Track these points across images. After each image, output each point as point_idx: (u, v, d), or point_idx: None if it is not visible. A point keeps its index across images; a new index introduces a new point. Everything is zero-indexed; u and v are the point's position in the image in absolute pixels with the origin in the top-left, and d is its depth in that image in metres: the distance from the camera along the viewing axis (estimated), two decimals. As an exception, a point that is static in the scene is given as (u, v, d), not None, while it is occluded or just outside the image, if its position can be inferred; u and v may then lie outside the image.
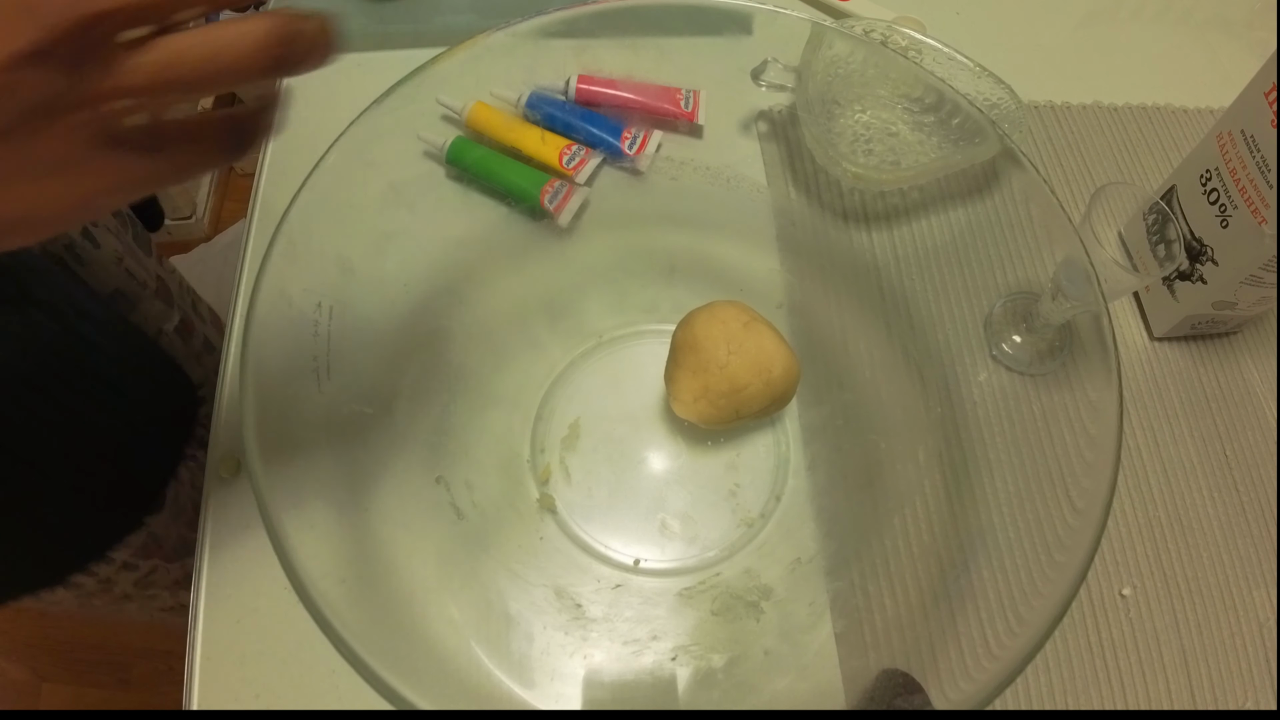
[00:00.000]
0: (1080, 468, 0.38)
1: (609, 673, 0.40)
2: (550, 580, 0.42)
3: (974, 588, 0.39)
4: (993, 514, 0.42)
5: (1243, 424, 0.49)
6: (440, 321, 0.47)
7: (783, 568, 0.43)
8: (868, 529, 0.44)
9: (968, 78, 0.53)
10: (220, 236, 1.56)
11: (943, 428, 0.45)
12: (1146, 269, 0.46)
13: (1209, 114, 0.61)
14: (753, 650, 0.40)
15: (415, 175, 0.51)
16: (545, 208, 0.50)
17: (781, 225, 0.52)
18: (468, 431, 0.46)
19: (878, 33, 0.54)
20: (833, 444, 0.47)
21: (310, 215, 0.38)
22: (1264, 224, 0.43)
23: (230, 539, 0.43)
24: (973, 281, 0.50)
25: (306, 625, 0.31)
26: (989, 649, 0.37)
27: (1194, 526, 0.46)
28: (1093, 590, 0.44)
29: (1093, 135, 0.60)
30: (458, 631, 0.39)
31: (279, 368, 0.36)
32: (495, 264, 0.49)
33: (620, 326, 0.50)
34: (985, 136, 0.46)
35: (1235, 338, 0.52)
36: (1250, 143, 0.43)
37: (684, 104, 0.53)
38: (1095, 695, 0.42)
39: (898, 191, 0.53)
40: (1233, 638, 0.43)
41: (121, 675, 1.17)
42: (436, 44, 0.45)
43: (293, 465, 0.35)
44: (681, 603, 0.42)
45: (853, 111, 0.54)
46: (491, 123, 0.52)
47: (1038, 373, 0.47)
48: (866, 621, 0.41)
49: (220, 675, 0.40)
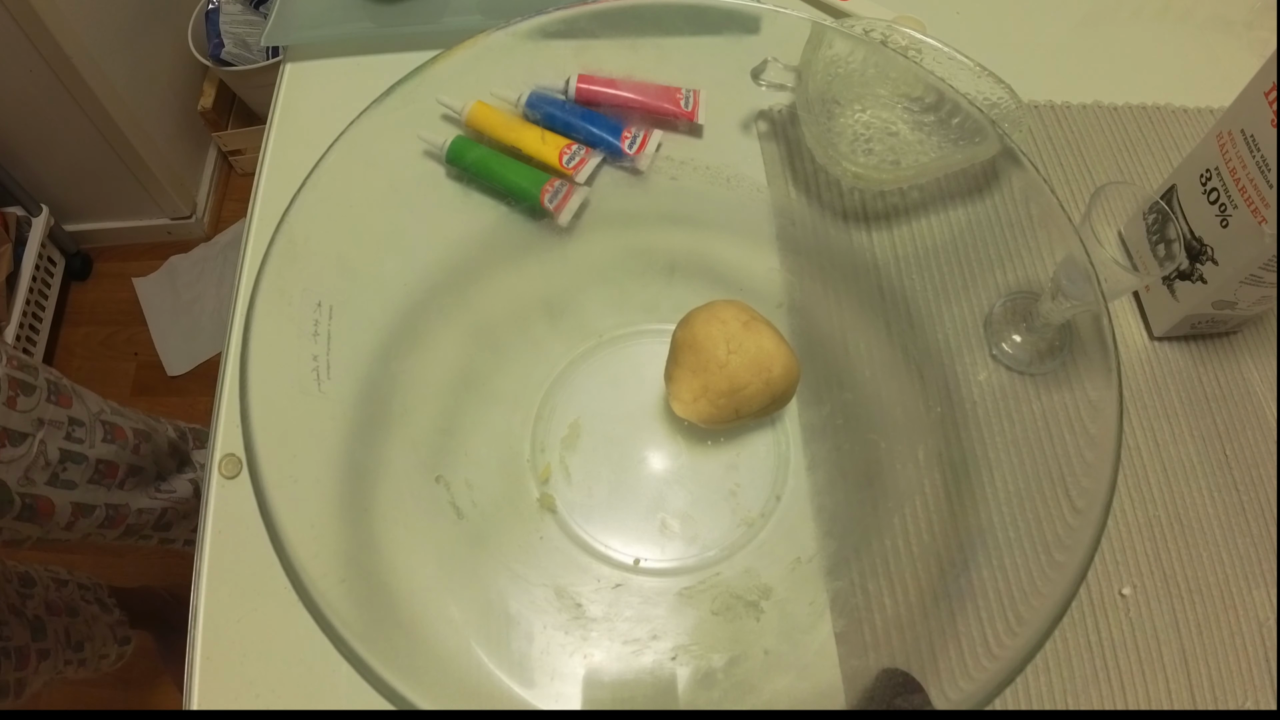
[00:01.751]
0: (1080, 467, 0.38)
1: (609, 672, 0.40)
2: (550, 580, 0.42)
3: (974, 587, 0.39)
4: (993, 513, 0.42)
5: (1243, 424, 0.49)
6: (440, 321, 0.47)
7: (783, 567, 0.43)
8: (868, 528, 0.44)
9: (968, 77, 0.53)
10: (220, 236, 1.56)
11: (943, 427, 0.45)
12: (1146, 269, 0.46)
13: (1209, 114, 0.61)
14: (753, 650, 0.40)
15: (415, 175, 0.51)
16: (545, 207, 0.50)
17: (781, 225, 0.52)
18: (468, 431, 0.46)
19: (878, 32, 0.54)
20: (833, 444, 0.47)
21: (310, 215, 0.38)
22: (1264, 223, 0.43)
23: (230, 539, 0.43)
24: (973, 281, 0.50)
25: (306, 625, 0.31)
26: (989, 649, 0.37)
27: (1194, 526, 0.46)
28: (1093, 590, 0.44)
29: (1093, 135, 0.60)
30: (458, 631, 0.39)
31: (279, 367, 0.36)
32: (495, 264, 0.49)
33: (620, 326, 0.50)
34: (985, 136, 0.46)
35: (1235, 337, 0.52)
36: (1250, 142, 0.43)
37: (684, 104, 0.53)
38: (1095, 695, 0.42)
39: (898, 191, 0.53)
40: (1233, 638, 0.43)
41: (121, 675, 1.17)
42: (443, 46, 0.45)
43: (293, 465, 0.35)
44: (681, 602, 0.42)
45: (853, 111, 0.54)
46: (491, 122, 0.52)
47: (1038, 372, 0.47)
48: (866, 621, 0.41)
49: (220, 675, 0.40)
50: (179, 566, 1.18)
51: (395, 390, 0.43)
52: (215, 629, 0.41)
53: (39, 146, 1.35)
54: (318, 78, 0.59)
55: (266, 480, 0.33)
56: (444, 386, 0.46)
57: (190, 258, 1.54)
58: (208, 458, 0.46)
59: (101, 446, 0.84)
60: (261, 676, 0.40)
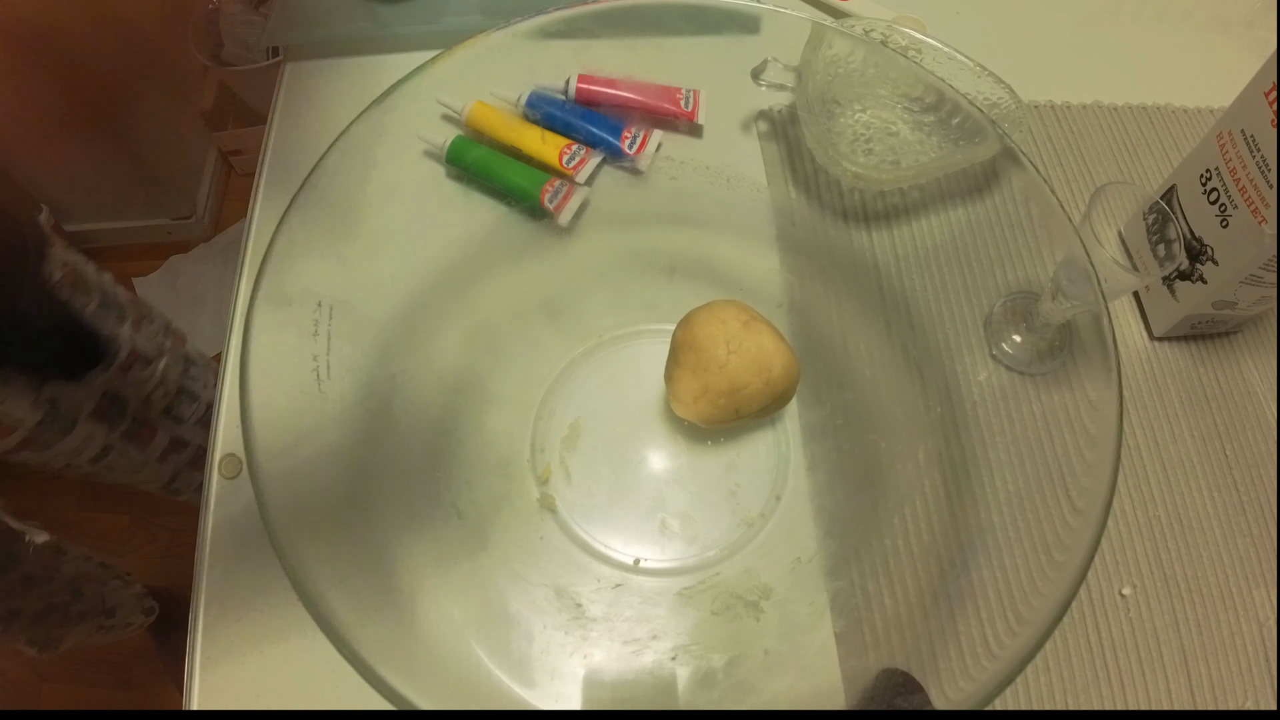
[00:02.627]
0: (1080, 467, 0.38)
1: (609, 672, 0.40)
2: (550, 580, 0.42)
3: (974, 587, 0.39)
4: (993, 513, 0.42)
5: (1243, 424, 0.49)
6: (440, 321, 0.47)
7: (783, 567, 0.43)
8: (868, 528, 0.44)
9: (968, 77, 0.53)
10: (220, 236, 1.56)
11: (943, 427, 0.45)
12: (1146, 269, 0.46)
13: (1209, 114, 0.61)
14: (753, 650, 0.40)
15: (415, 175, 0.51)
16: (545, 207, 0.50)
17: (781, 225, 0.52)
18: (467, 431, 0.46)
19: (878, 32, 0.54)
20: (833, 444, 0.47)
21: (310, 215, 0.38)
22: (1264, 224, 0.43)
23: (230, 539, 0.43)
24: (973, 281, 0.50)
25: (306, 625, 0.31)
26: (989, 648, 0.37)
27: (1194, 526, 0.46)
28: (1093, 590, 0.44)
29: (1093, 135, 0.60)
30: (458, 631, 0.39)
31: (279, 367, 0.36)
32: (495, 264, 0.49)
33: (620, 326, 0.50)
34: (985, 136, 0.46)
35: (1235, 337, 0.52)
36: (1250, 142, 0.43)
37: (684, 104, 0.53)
38: (1095, 695, 0.42)
39: (898, 191, 0.53)
40: (1233, 638, 0.43)
41: (121, 675, 1.17)
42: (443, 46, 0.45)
43: (293, 465, 0.35)
44: (681, 602, 0.42)
45: (853, 111, 0.54)
46: (491, 122, 0.52)
47: (1038, 372, 0.47)
48: (866, 621, 0.41)
49: (220, 675, 0.40)
50: (179, 566, 1.18)
51: (395, 390, 0.43)
52: (215, 629, 0.41)
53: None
54: (318, 78, 0.59)
55: (266, 480, 0.33)
56: (444, 386, 0.46)
57: (190, 258, 1.54)
58: (208, 458, 0.46)
59: (212, 391, 0.85)
60: (261, 676, 0.40)
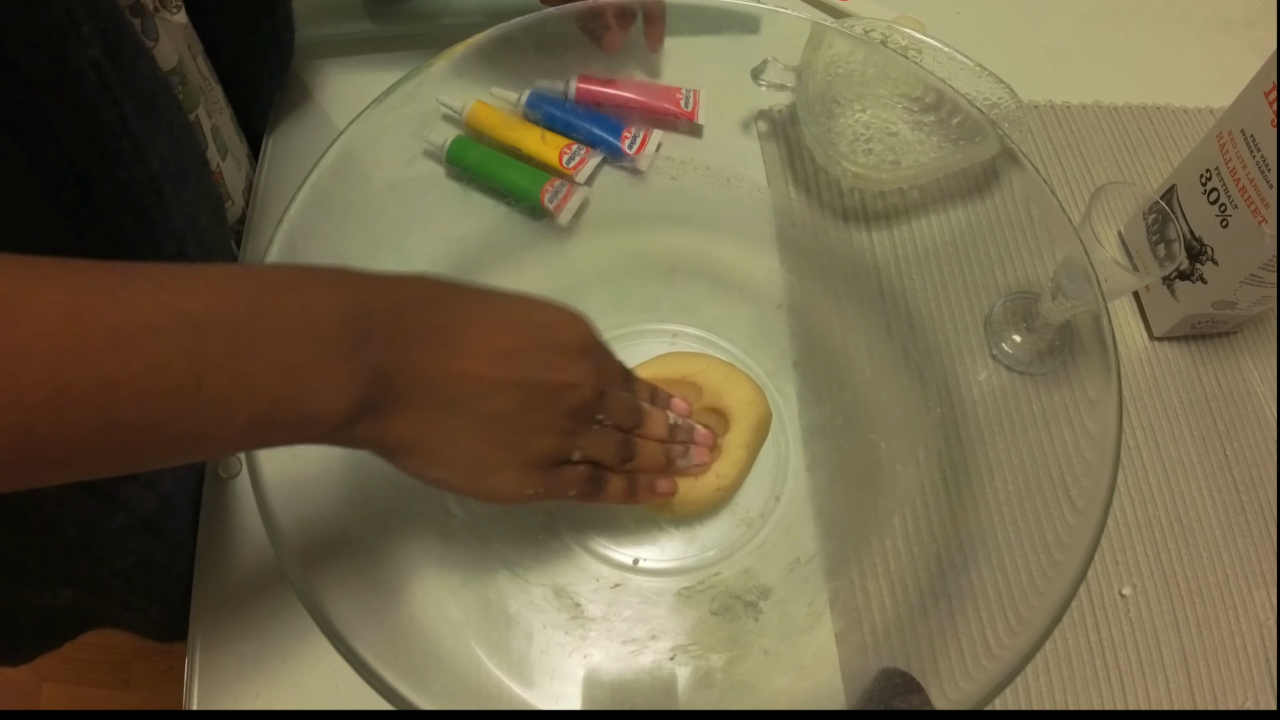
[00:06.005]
0: (1080, 467, 0.38)
1: (608, 672, 0.40)
2: (549, 579, 0.42)
3: (974, 587, 0.39)
4: (992, 514, 0.42)
5: (1243, 424, 0.49)
6: (440, 321, 0.47)
7: (782, 567, 0.43)
8: (867, 528, 0.44)
9: (968, 77, 0.53)
10: (220, 236, 1.56)
11: (942, 428, 0.45)
12: (1146, 269, 0.46)
13: (1209, 114, 0.61)
14: (752, 650, 0.40)
15: (415, 175, 0.51)
16: (545, 207, 0.50)
17: (781, 225, 0.52)
18: (468, 431, 0.46)
19: (878, 32, 0.54)
20: (832, 444, 0.47)
21: (310, 215, 0.38)
22: (1264, 224, 0.43)
23: (230, 539, 0.43)
24: (973, 281, 0.50)
25: (306, 625, 0.31)
26: (989, 649, 0.37)
27: (1194, 526, 0.46)
28: (1093, 590, 0.44)
29: (1093, 135, 0.60)
30: (458, 631, 0.39)
31: (279, 367, 0.36)
32: (495, 263, 0.49)
33: (620, 326, 0.50)
34: (985, 136, 0.46)
35: (1235, 337, 0.52)
36: (1250, 142, 0.43)
37: (684, 103, 0.53)
38: (1095, 695, 0.42)
39: (898, 191, 0.53)
40: (1233, 638, 0.43)
41: (121, 675, 1.17)
42: (443, 46, 0.45)
43: (293, 466, 0.35)
44: (680, 602, 0.42)
45: (853, 111, 0.54)
46: (491, 122, 0.52)
47: (1038, 372, 0.47)
48: (866, 621, 0.41)
49: (220, 675, 0.40)
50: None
51: (395, 390, 0.43)
52: (215, 629, 0.41)
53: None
54: (318, 78, 0.59)
55: (266, 480, 0.33)
56: (444, 386, 0.46)
57: (190, 258, 1.54)
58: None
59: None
60: (261, 676, 0.40)
